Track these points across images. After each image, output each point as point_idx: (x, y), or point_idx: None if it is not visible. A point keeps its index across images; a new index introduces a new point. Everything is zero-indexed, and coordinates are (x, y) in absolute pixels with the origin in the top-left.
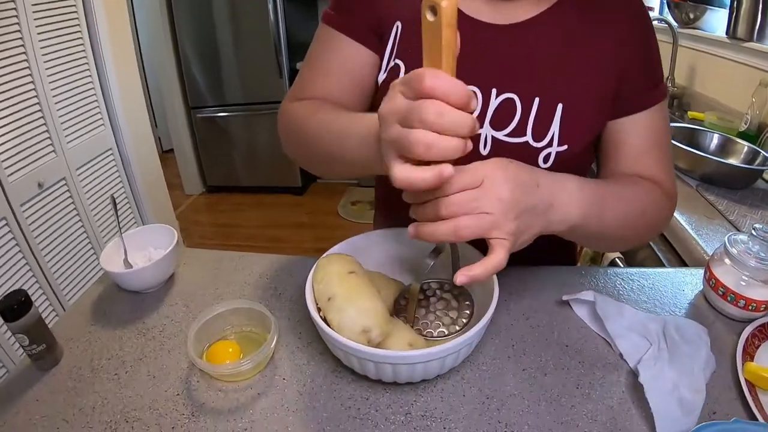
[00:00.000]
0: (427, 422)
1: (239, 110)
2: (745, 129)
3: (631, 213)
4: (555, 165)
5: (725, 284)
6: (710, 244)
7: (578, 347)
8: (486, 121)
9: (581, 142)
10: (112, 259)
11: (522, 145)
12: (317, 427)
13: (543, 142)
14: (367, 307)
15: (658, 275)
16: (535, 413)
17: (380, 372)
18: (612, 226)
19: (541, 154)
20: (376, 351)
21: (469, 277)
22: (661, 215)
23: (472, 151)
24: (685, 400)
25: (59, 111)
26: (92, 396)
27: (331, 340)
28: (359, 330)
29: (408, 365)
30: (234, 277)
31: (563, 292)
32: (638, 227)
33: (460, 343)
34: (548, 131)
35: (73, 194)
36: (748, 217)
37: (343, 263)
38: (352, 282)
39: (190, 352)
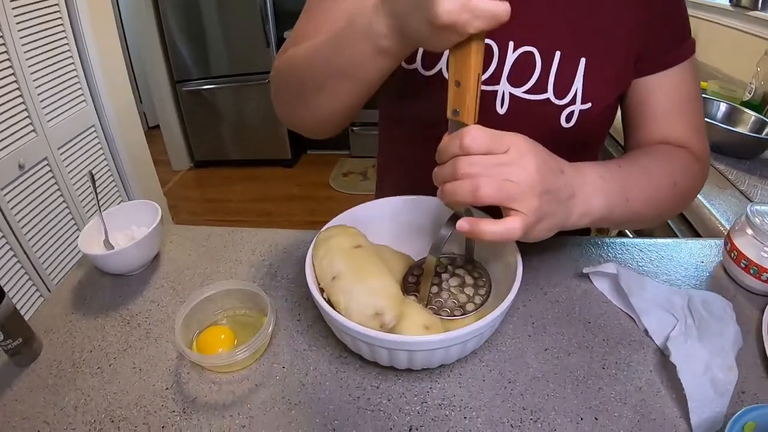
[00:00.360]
0: (446, 411)
1: (226, 82)
2: (749, 99)
3: (661, 189)
4: (578, 124)
5: (748, 256)
6: (723, 215)
7: (601, 324)
8: (503, 77)
9: (605, 100)
10: (91, 241)
11: (543, 103)
12: (323, 421)
13: (565, 99)
14: (379, 286)
15: (675, 246)
16: (561, 397)
17: (394, 359)
18: (641, 208)
19: (563, 113)
20: (391, 337)
21: (471, 225)
22: (694, 182)
23: (488, 110)
24: (717, 380)
25: (38, 89)
26: (74, 393)
27: (339, 326)
28: (371, 313)
29: (426, 351)
30: (224, 255)
31: (580, 264)
32: (670, 201)
33: (483, 326)
34: (571, 87)
35: (56, 175)
36: (759, 188)
37: (347, 236)
38: (360, 257)
39: (178, 341)
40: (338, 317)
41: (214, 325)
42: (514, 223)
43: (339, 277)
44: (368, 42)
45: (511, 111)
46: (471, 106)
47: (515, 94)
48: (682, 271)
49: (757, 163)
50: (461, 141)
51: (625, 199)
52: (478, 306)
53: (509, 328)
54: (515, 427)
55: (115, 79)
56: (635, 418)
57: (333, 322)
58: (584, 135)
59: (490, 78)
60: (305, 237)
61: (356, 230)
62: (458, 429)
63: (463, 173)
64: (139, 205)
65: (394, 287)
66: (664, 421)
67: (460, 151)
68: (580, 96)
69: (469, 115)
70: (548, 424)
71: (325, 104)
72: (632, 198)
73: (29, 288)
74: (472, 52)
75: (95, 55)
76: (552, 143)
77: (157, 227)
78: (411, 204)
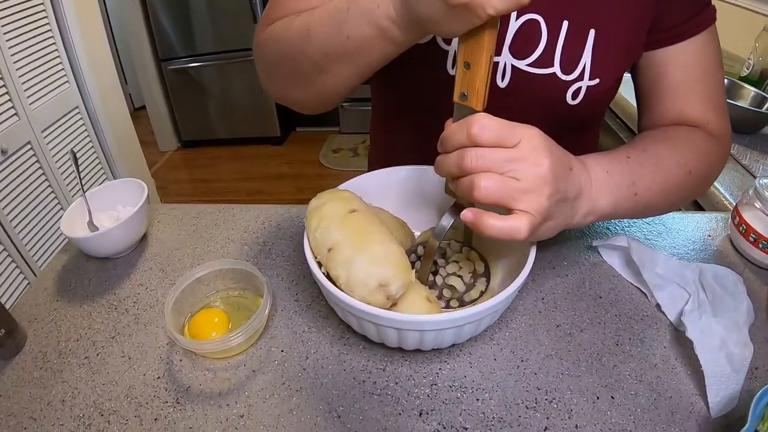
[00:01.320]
0: (457, 393)
1: (212, 60)
2: (747, 74)
3: (673, 179)
4: (584, 102)
5: (757, 230)
6: (727, 189)
7: (612, 298)
8: (505, 46)
9: (614, 76)
10: (75, 223)
11: (548, 78)
12: (327, 407)
13: (573, 74)
14: (382, 253)
15: (682, 219)
16: (576, 375)
17: (403, 340)
18: (651, 201)
19: (570, 89)
20: (401, 316)
21: (476, 217)
22: (712, 166)
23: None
24: (733, 356)
25: (19, 70)
26: (61, 386)
27: (342, 305)
28: (374, 285)
29: (437, 331)
30: (215, 234)
31: (588, 237)
32: (684, 190)
33: (498, 303)
34: (579, 62)
35: (40, 158)
36: (761, 162)
37: (340, 201)
38: (357, 223)
39: (169, 327)
40: (340, 295)
41: (206, 308)
42: (520, 223)
43: (335, 247)
44: (372, 26)
45: (513, 84)
46: (481, 90)
47: (518, 66)
48: (690, 244)
49: (757, 138)
50: (469, 130)
51: (633, 194)
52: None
53: (519, 304)
54: (530, 408)
55: (98, 59)
56: (652, 396)
57: (335, 300)
58: (589, 112)
59: None
60: (299, 212)
61: (350, 193)
62: (471, 412)
63: (470, 167)
64: (124, 184)
65: (398, 253)
66: (680, 398)
67: (467, 140)
68: (589, 71)
69: (478, 100)
70: (564, 404)
71: (321, 85)
72: (641, 192)
73: (17, 276)
74: (487, 32)
75: (77, 33)
76: (555, 121)
77: (143, 206)
78: (405, 173)
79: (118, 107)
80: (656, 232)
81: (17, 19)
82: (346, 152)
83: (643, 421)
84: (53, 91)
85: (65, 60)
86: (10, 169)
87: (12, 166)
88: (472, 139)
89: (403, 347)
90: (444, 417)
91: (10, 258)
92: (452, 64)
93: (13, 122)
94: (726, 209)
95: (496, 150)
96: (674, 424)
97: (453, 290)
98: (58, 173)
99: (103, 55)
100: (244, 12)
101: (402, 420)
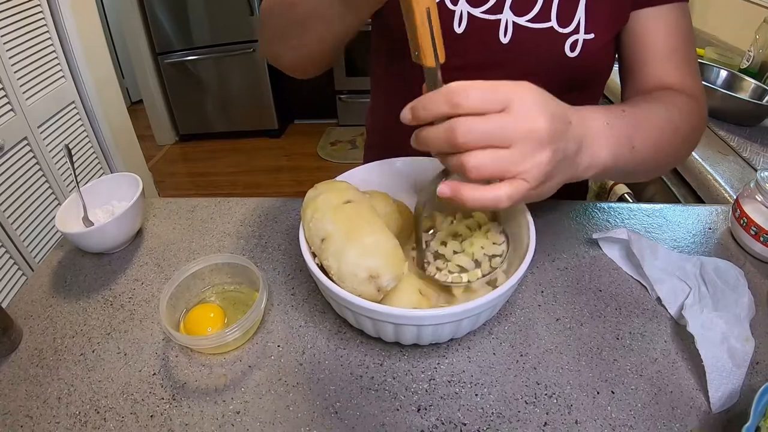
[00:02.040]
0: (456, 389)
1: (209, 53)
2: (747, 66)
3: (664, 134)
4: (582, 55)
5: (758, 223)
6: (727, 181)
7: (612, 292)
8: (506, 5)
9: (607, 31)
10: (70, 219)
11: (547, 31)
12: (324, 403)
13: (569, 27)
14: (372, 243)
15: (682, 211)
16: (576, 370)
17: (400, 334)
18: (647, 155)
19: (567, 41)
20: (397, 311)
21: (453, 190)
22: (694, 126)
23: (491, 39)
24: (735, 350)
25: (14, 66)
26: (57, 384)
27: (336, 298)
28: (364, 276)
29: (434, 326)
30: (211, 228)
31: (587, 230)
32: (674, 147)
33: (497, 297)
34: (574, 16)
35: (37, 154)
36: (761, 155)
37: (335, 192)
38: (350, 214)
39: (164, 323)
40: (334, 287)
41: (202, 303)
42: (500, 191)
43: (328, 238)
44: None
45: (515, 41)
46: (426, 45)
47: (518, 22)
48: (690, 237)
49: (757, 131)
50: (450, 98)
51: (631, 147)
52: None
53: (518, 297)
54: (530, 403)
55: (94, 53)
56: (652, 391)
57: (329, 293)
58: (587, 68)
59: (493, 7)
60: (296, 205)
61: (346, 184)
62: (470, 407)
63: (462, 143)
64: (119, 178)
65: (390, 243)
66: (681, 393)
67: (450, 109)
68: (583, 25)
69: (427, 56)
70: (564, 399)
71: (307, 43)
72: (638, 145)
73: (15, 272)
74: None
75: (73, 28)
76: (558, 75)
77: (138, 200)
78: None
79: (115, 102)
80: (656, 224)
81: (12, 14)
82: (345, 144)
83: (643, 416)
84: (49, 86)
85: (61, 55)
86: (6, 166)
87: (8, 163)
88: (455, 108)
89: (400, 342)
90: (443, 412)
91: (8, 254)
92: (458, 23)
93: (8, 118)
94: (726, 202)
95: (486, 119)
96: (675, 419)
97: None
98: (55, 169)
99: (100, 49)
100: (241, 5)
101: (400, 416)
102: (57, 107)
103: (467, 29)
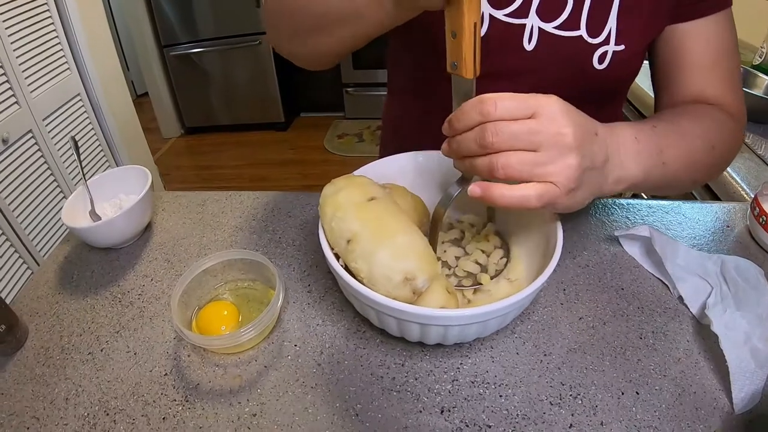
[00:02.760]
0: (479, 390)
1: (214, 45)
2: (759, 62)
3: (698, 152)
4: (610, 67)
5: None
6: (744, 179)
7: (634, 290)
8: (532, 9)
9: (638, 43)
10: (76, 213)
11: (575, 40)
12: (344, 405)
13: (599, 38)
14: (404, 243)
15: (700, 209)
16: (600, 370)
17: (425, 334)
18: (679, 172)
19: (596, 52)
20: (426, 311)
21: (484, 191)
22: (731, 145)
23: (514, 45)
24: (757, 351)
25: (19, 58)
26: (64, 384)
27: (362, 299)
28: (399, 279)
29: (461, 326)
30: (222, 222)
31: (607, 227)
32: (708, 165)
33: (525, 297)
34: (604, 26)
35: (42, 147)
36: None
37: (357, 187)
38: (377, 212)
39: (176, 321)
40: (361, 288)
41: (215, 300)
42: (529, 191)
43: (354, 239)
44: None
45: (540, 48)
46: (469, 58)
47: (545, 29)
48: (709, 235)
49: None
50: (481, 109)
51: (662, 163)
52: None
53: (540, 295)
54: (554, 404)
55: (99, 45)
56: (676, 392)
57: (354, 293)
58: (615, 80)
59: (518, 10)
60: (310, 199)
61: (366, 179)
62: (494, 408)
63: (490, 143)
64: (127, 171)
65: (422, 243)
66: (704, 394)
67: (480, 117)
68: (614, 36)
69: (467, 68)
70: (589, 400)
71: (319, 43)
72: (669, 162)
73: (20, 266)
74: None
75: (78, 20)
76: (582, 87)
77: (147, 194)
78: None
79: (121, 94)
80: (675, 222)
81: (17, 6)
82: (351, 138)
83: (667, 417)
84: (54, 79)
85: (66, 47)
86: (11, 159)
87: (13, 156)
88: (485, 117)
89: (424, 342)
90: (467, 414)
91: (14, 249)
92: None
93: (13, 111)
94: (742, 199)
95: (514, 122)
96: (698, 420)
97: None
98: (60, 162)
99: (105, 41)
100: None
101: (423, 418)
102: (62, 100)
103: (488, 33)
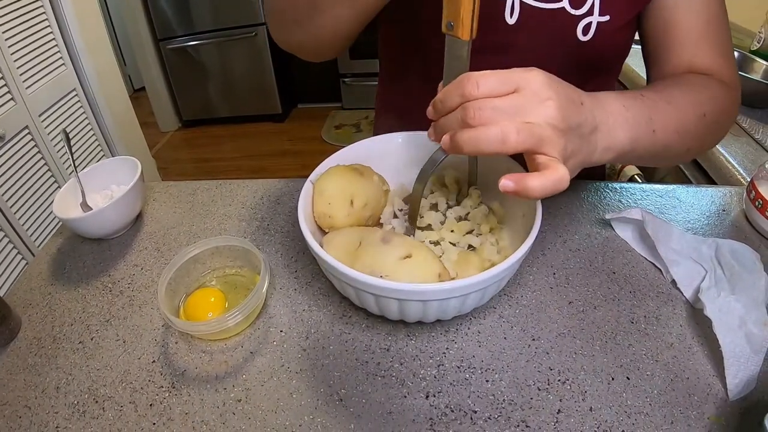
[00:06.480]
0: (465, 375)
1: (211, 37)
2: (757, 48)
3: (689, 119)
4: (595, 38)
5: None
6: (741, 163)
7: (626, 274)
8: None
9: (624, 14)
10: (68, 204)
11: (558, 12)
12: (328, 390)
13: (582, 9)
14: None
15: (695, 192)
16: (590, 355)
17: (404, 311)
18: (669, 141)
19: (580, 24)
20: (401, 285)
21: (517, 184)
22: (724, 112)
23: (496, 19)
24: (753, 335)
25: (14, 54)
26: (55, 373)
27: (339, 275)
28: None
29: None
30: (212, 210)
31: (599, 210)
32: (700, 133)
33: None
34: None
35: (38, 143)
36: None
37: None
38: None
39: (162, 308)
40: (339, 266)
41: (202, 287)
42: (560, 171)
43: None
44: None
45: (523, 21)
46: (466, 19)
47: (526, 1)
48: (705, 219)
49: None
50: (462, 89)
51: (651, 131)
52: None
53: (529, 279)
54: (542, 389)
55: (94, 40)
56: (668, 377)
57: (331, 270)
58: (602, 52)
59: None
60: (298, 186)
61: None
62: (480, 393)
63: (474, 119)
64: (118, 163)
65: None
66: (697, 380)
67: (462, 99)
68: (598, 7)
69: (464, 29)
70: (578, 386)
71: (319, 25)
72: (659, 129)
73: (19, 261)
74: None
75: (72, 15)
76: (569, 59)
77: (137, 184)
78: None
79: (117, 88)
80: (670, 205)
81: (11, 2)
82: (349, 128)
83: (659, 403)
84: (49, 74)
85: (60, 42)
86: (8, 155)
87: (10, 152)
88: (467, 97)
89: (405, 320)
90: (452, 399)
91: (12, 244)
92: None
93: (9, 107)
94: (739, 183)
95: (497, 98)
96: (691, 406)
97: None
98: (57, 157)
99: (100, 36)
100: None
101: (408, 402)
102: (58, 95)
103: None
